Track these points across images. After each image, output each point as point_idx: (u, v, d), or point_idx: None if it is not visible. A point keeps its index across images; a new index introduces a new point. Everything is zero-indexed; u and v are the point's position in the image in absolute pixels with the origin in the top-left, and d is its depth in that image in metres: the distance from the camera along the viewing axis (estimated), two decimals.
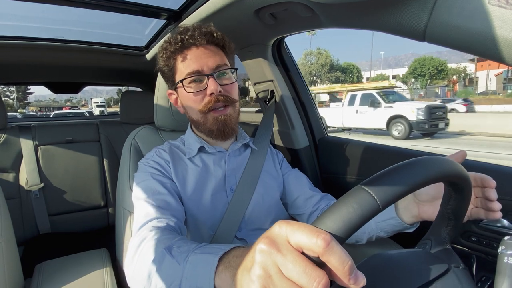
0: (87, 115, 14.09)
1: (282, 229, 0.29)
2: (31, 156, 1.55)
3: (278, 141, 1.35)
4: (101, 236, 1.67)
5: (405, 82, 44.90)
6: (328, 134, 1.33)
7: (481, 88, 38.49)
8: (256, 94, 1.37)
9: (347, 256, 0.27)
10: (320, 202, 0.86)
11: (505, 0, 0.40)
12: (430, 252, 0.47)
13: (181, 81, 0.75)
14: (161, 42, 0.81)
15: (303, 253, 0.28)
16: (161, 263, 0.49)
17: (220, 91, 0.73)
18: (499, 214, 0.52)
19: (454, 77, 43.18)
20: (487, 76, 38.15)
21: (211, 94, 0.73)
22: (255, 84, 1.34)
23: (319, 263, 0.27)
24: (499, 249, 0.39)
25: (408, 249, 0.47)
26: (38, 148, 1.59)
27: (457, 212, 0.47)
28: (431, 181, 0.36)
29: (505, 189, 0.72)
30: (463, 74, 43.68)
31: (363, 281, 0.27)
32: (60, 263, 1.06)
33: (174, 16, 1.17)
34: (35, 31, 1.39)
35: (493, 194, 0.53)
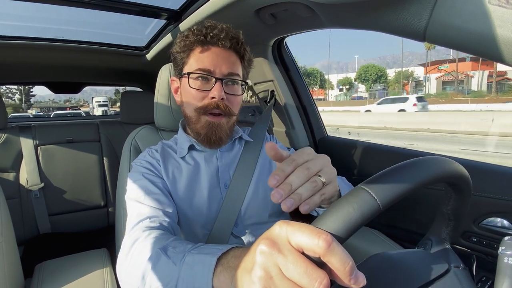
0: (84, 115, 14.34)
1: (283, 230, 0.29)
2: (31, 156, 1.55)
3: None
4: (101, 236, 1.67)
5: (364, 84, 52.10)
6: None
7: (426, 90, 42.77)
8: (257, 94, 1.37)
9: (348, 256, 0.27)
10: None
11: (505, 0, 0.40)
12: (430, 252, 0.47)
13: (189, 73, 0.73)
14: (162, 40, 0.80)
15: (303, 253, 0.28)
16: (156, 264, 0.48)
17: (222, 98, 0.72)
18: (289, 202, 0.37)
19: (405, 81, 49.53)
20: (430, 79, 43.33)
21: (213, 98, 0.71)
22: (255, 84, 1.34)
23: (320, 263, 0.27)
24: (499, 250, 0.39)
25: (408, 249, 0.47)
26: (38, 148, 1.59)
27: (457, 213, 0.47)
28: (431, 181, 0.36)
29: (505, 189, 0.72)
30: (410, 78, 50.11)
31: (363, 281, 0.27)
32: (60, 263, 1.06)
33: (175, 16, 1.17)
34: (35, 31, 1.40)
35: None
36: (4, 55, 1.46)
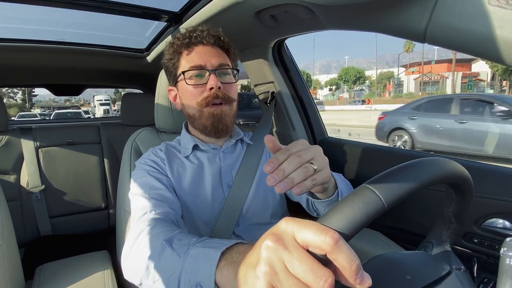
0: (83, 114, 14.70)
1: (289, 226, 0.29)
2: (32, 158, 1.55)
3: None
4: (102, 238, 1.67)
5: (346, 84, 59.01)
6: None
7: (405, 90, 47.95)
8: (257, 95, 1.37)
9: (354, 255, 0.27)
10: None
11: (505, 0, 0.40)
12: (432, 254, 0.47)
13: (183, 72, 0.76)
14: (163, 42, 0.82)
15: (308, 251, 0.28)
16: (160, 255, 0.48)
17: (219, 87, 0.74)
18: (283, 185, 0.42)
19: (386, 81, 55.03)
20: (408, 80, 49.12)
21: (211, 89, 0.74)
22: (255, 85, 1.34)
23: (324, 262, 0.27)
24: (501, 251, 0.39)
25: (409, 251, 0.47)
26: (39, 150, 1.59)
27: (458, 215, 0.46)
28: (435, 181, 0.36)
29: (505, 190, 0.72)
30: (391, 78, 55.25)
31: (368, 281, 0.27)
32: (61, 265, 1.06)
33: (175, 18, 1.17)
34: (36, 34, 1.40)
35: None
36: (4, 58, 1.46)
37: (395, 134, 6.07)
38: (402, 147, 5.61)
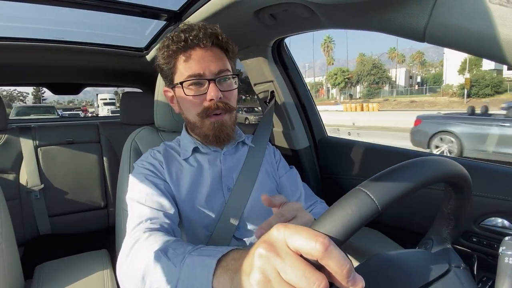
0: (81, 115, 15.09)
1: (281, 233, 0.29)
2: (31, 157, 1.55)
3: (278, 142, 1.35)
4: (101, 237, 1.67)
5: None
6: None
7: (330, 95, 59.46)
8: (256, 94, 1.37)
9: (346, 259, 0.27)
10: (310, 207, 0.86)
11: None
12: (431, 252, 0.47)
13: (181, 83, 0.73)
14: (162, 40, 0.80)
15: (302, 256, 0.28)
16: (156, 265, 0.48)
17: (220, 97, 0.72)
18: None
19: (320, 87, 65.27)
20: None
21: (211, 100, 0.72)
22: (255, 84, 1.34)
23: (318, 266, 0.27)
24: (500, 250, 0.39)
25: (409, 249, 0.47)
26: (39, 149, 1.59)
27: (458, 212, 0.46)
28: (430, 181, 0.36)
29: (504, 189, 0.72)
30: (321, 85, 65.61)
31: (361, 283, 0.27)
32: (60, 264, 1.06)
33: (174, 17, 1.17)
34: (35, 32, 1.40)
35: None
36: (3, 57, 1.46)
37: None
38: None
